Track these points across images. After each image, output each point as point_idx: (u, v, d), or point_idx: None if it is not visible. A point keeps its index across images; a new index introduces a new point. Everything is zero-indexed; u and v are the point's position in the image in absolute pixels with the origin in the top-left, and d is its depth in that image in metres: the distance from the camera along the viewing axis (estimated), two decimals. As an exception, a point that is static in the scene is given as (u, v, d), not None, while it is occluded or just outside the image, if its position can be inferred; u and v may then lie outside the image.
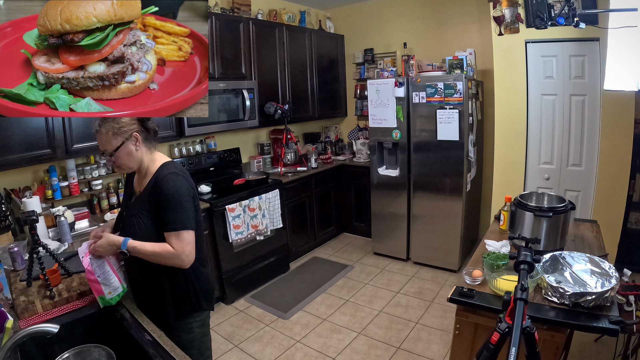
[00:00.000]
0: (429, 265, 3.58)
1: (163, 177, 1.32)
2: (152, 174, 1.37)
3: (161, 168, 1.37)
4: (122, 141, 1.30)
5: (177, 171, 1.36)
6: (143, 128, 1.35)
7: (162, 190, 1.30)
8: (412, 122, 3.40)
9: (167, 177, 1.32)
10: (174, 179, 1.32)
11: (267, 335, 2.66)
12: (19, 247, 1.75)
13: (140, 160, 1.38)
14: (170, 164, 1.40)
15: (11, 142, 2.09)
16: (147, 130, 1.37)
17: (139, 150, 1.35)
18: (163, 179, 1.31)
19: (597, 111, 2.84)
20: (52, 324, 0.99)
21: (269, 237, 3.35)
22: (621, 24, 2.04)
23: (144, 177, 1.40)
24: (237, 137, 3.83)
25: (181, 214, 1.30)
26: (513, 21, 2.96)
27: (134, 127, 1.33)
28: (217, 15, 3.16)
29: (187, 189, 1.34)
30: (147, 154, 1.39)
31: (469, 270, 1.56)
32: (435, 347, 2.44)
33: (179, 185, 1.32)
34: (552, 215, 1.66)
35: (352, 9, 4.60)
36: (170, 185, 1.30)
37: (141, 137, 1.34)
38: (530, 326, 1.03)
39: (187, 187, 1.34)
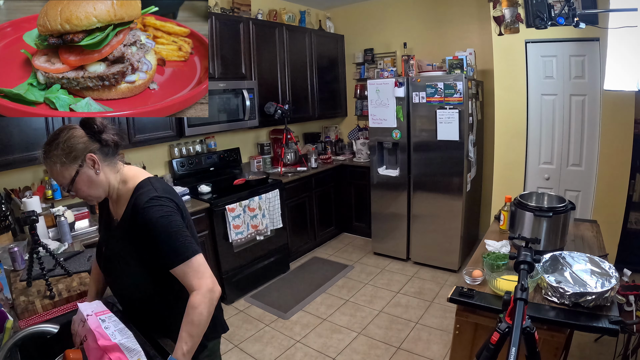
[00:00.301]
0: (429, 265, 3.58)
1: (143, 208, 1.06)
2: (127, 199, 1.13)
3: (137, 192, 1.12)
4: (76, 169, 1.06)
5: (158, 193, 1.10)
6: (99, 144, 1.09)
7: (147, 225, 1.05)
8: (412, 122, 3.40)
9: (148, 208, 1.06)
10: (155, 206, 1.07)
11: (267, 335, 2.66)
12: (19, 247, 1.75)
13: (106, 185, 1.13)
14: (146, 184, 1.14)
15: (11, 142, 2.09)
16: (105, 145, 1.11)
17: (101, 173, 1.10)
18: (144, 210, 1.06)
19: (597, 111, 2.84)
20: (52, 324, 0.99)
21: (269, 237, 3.35)
22: (621, 24, 2.04)
23: (116, 203, 1.18)
24: (237, 137, 3.83)
25: (180, 242, 1.06)
26: (513, 21, 2.96)
27: (87, 147, 1.07)
28: (217, 15, 3.16)
29: (173, 211, 1.10)
30: (113, 174, 1.15)
31: (469, 270, 1.56)
32: (435, 347, 2.44)
33: (165, 212, 1.07)
34: (552, 215, 1.66)
35: (352, 9, 4.60)
36: (153, 216, 1.05)
37: (99, 156, 1.09)
38: (530, 326, 1.03)
39: (172, 210, 1.10)
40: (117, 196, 1.16)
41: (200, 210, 2.81)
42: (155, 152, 3.15)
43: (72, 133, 1.07)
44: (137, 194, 1.11)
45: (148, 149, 3.04)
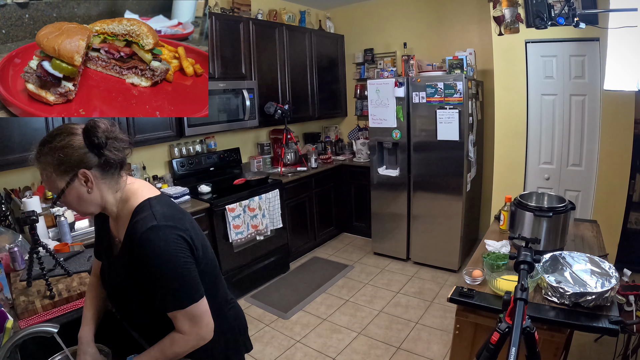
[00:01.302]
0: (429, 265, 3.58)
1: (139, 239, 0.91)
2: (126, 221, 0.98)
3: (135, 217, 0.96)
4: (66, 182, 0.92)
5: (157, 222, 0.93)
6: (99, 160, 0.94)
7: (142, 261, 0.91)
8: (412, 122, 3.40)
9: (144, 240, 0.90)
10: (153, 240, 0.90)
11: (267, 335, 2.66)
12: (19, 247, 1.75)
13: (99, 204, 0.98)
14: (145, 208, 0.97)
15: (11, 142, 2.09)
16: (107, 164, 0.95)
17: (94, 191, 0.95)
18: (139, 243, 0.91)
19: (597, 111, 2.84)
20: (52, 324, 0.99)
21: (269, 237, 3.35)
22: (621, 24, 2.04)
23: (116, 222, 1.04)
24: (237, 137, 3.83)
25: (180, 286, 0.92)
26: (513, 21, 2.96)
27: (82, 160, 0.92)
28: (217, 15, 3.16)
29: (174, 246, 0.93)
30: (112, 193, 0.99)
31: (469, 270, 1.56)
32: (435, 347, 2.44)
33: (164, 247, 0.91)
34: (552, 215, 1.66)
35: (352, 9, 4.60)
36: (149, 252, 0.90)
37: (96, 172, 0.94)
38: (530, 326, 1.03)
39: (173, 244, 0.93)
40: (116, 216, 1.03)
41: (200, 210, 2.81)
42: (155, 152, 3.15)
43: (70, 141, 0.91)
44: (134, 220, 0.95)
45: (148, 149, 3.04)
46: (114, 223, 1.06)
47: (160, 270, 0.91)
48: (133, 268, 0.95)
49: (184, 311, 0.93)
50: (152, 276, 0.92)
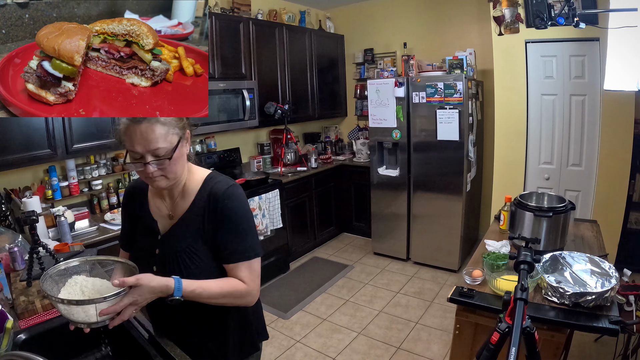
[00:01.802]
0: (429, 265, 3.58)
1: (224, 193, 1.03)
2: (194, 191, 1.07)
3: (210, 181, 1.08)
4: (179, 138, 0.99)
5: (234, 183, 1.09)
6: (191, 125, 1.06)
7: (228, 211, 1.02)
8: (412, 122, 3.40)
9: (230, 193, 1.03)
10: (238, 194, 1.05)
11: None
12: (19, 247, 1.75)
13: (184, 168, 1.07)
14: (217, 174, 1.12)
15: (11, 142, 2.09)
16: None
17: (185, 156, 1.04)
18: (225, 195, 1.03)
19: (597, 111, 2.84)
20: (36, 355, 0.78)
21: (269, 237, 3.35)
22: (621, 24, 2.04)
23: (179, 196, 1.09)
24: (237, 137, 3.83)
25: (251, 238, 1.05)
26: (513, 21, 2.96)
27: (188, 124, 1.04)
28: (217, 15, 3.16)
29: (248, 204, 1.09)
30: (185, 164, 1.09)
31: (469, 270, 1.56)
32: (435, 347, 2.44)
33: (245, 201, 1.06)
34: (552, 215, 1.66)
35: (352, 9, 4.60)
36: (236, 203, 1.03)
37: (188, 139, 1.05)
38: (530, 326, 1.03)
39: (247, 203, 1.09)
40: (182, 187, 1.08)
41: (200, 210, 2.81)
42: (155, 152, 3.15)
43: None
44: (213, 182, 1.07)
45: (148, 149, 3.03)
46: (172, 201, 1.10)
47: (243, 221, 1.04)
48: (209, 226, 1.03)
49: (248, 262, 1.03)
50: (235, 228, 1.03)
